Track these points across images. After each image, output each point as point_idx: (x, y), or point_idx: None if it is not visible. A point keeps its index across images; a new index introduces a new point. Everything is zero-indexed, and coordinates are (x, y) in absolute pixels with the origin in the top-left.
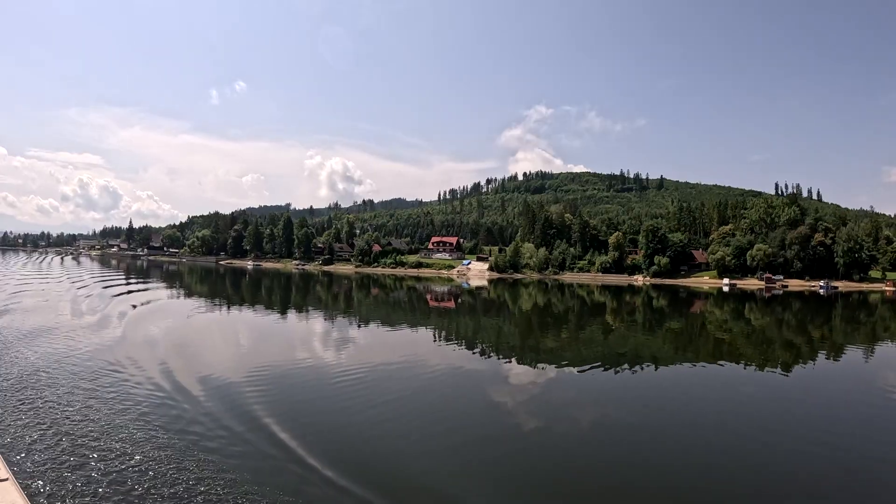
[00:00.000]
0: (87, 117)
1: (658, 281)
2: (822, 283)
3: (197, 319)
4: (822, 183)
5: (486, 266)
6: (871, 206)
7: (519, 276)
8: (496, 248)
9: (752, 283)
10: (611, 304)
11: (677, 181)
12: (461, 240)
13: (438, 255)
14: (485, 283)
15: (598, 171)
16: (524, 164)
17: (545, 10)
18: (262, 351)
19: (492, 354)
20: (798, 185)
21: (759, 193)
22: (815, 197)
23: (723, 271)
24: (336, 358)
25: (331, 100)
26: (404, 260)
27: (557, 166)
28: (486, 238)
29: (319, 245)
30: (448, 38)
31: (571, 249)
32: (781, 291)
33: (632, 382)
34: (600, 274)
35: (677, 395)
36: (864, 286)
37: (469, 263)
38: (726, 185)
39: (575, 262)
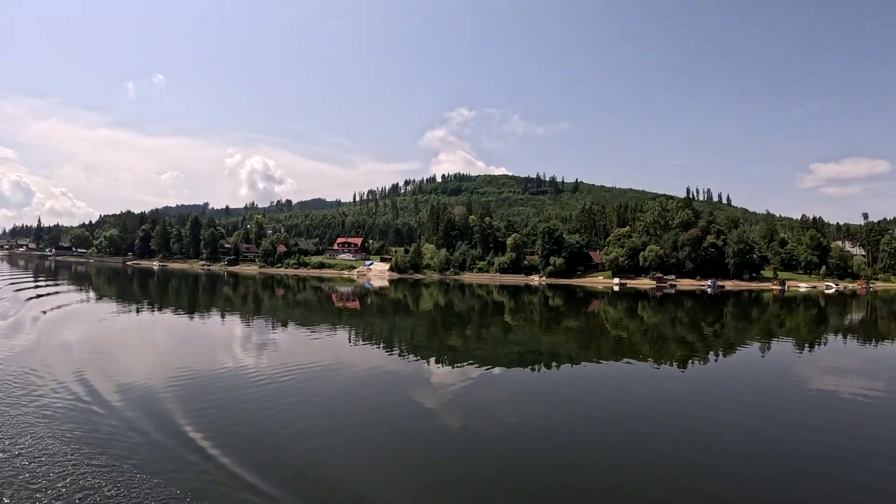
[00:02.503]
0: (0, 108)
1: (554, 281)
2: (709, 282)
3: (110, 323)
4: (740, 188)
5: (387, 266)
6: (778, 211)
7: (419, 276)
8: (402, 249)
9: (644, 283)
10: (509, 303)
11: (592, 184)
12: (370, 240)
13: (343, 256)
14: (385, 283)
15: (517, 174)
16: (446, 165)
17: (472, 13)
18: (178, 355)
19: (409, 355)
20: (709, 190)
21: (672, 197)
22: (724, 201)
23: (617, 271)
24: (255, 361)
25: (255, 96)
26: (307, 260)
27: (479, 168)
28: (395, 239)
29: (227, 245)
30: (375, 37)
31: (472, 251)
32: (673, 290)
33: (549, 380)
34: (498, 274)
35: (591, 391)
36: (754, 285)
37: (371, 264)
38: (641, 189)
39: (475, 263)
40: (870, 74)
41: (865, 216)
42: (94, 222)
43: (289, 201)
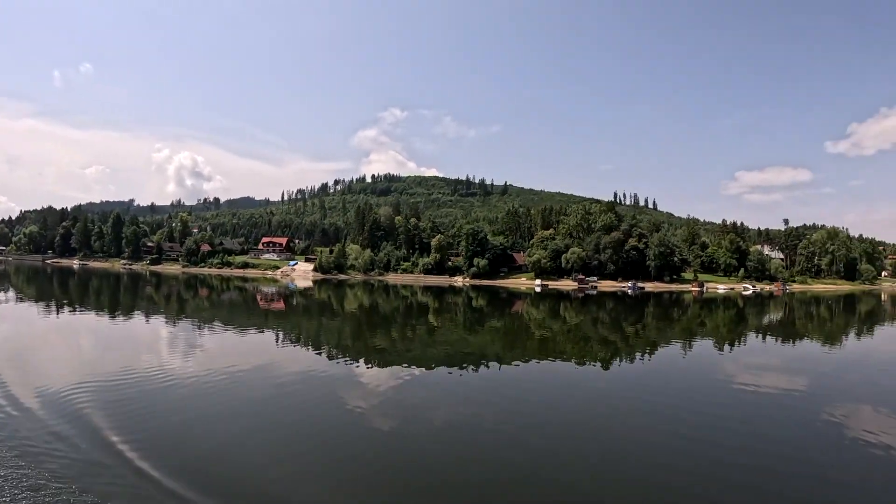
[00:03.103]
0: None
1: (478, 282)
2: (629, 284)
3: (29, 325)
4: (668, 193)
5: (311, 267)
6: (703, 217)
7: (344, 276)
8: (327, 250)
9: (566, 284)
10: (433, 304)
11: (521, 187)
12: (296, 240)
13: (267, 256)
14: (310, 283)
15: (447, 176)
16: (378, 165)
17: (408, 13)
18: (100, 358)
19: (338, 357)
20: (636, 195)
21: (598, 201)
22: (650, 205)
23: (539, 273)
24: (181, 364)
25: (186, 89)
26: (231, 260)
27: (410, 169)
28: (321, 239)
29: (150, 244)
30: (310, 34)
31: (397, 251)
32: (595, 292)
33: (477, 381)
34: (422, 275)
35: (518, 391)
36: (674, 287)
37: (295, 264)
38: (569, 193)
39: (400, 264)
40: (795, 87)
41: (786, 222)
42: (14, 218)
43: (217, 199)
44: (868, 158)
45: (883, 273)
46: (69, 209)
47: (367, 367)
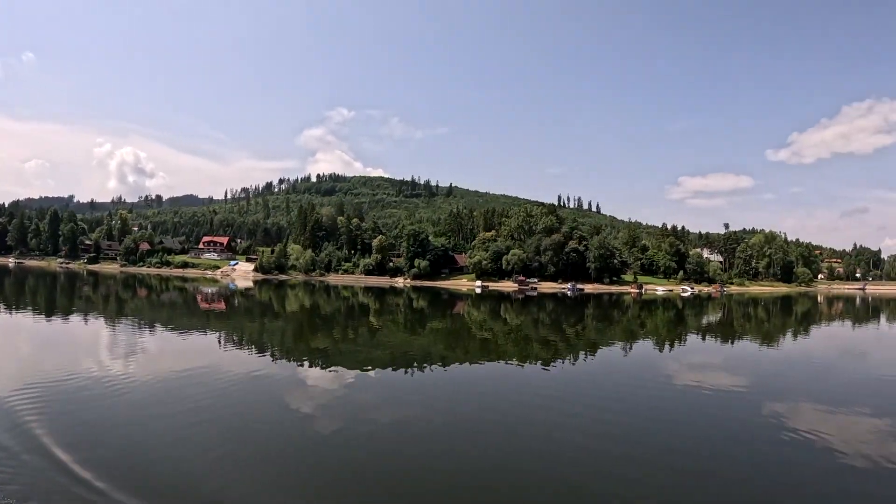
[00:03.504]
0: None
1: (419, 283)
2: (569, 285)
3: None
4: (613, 197)
5: (252, 267)
6: (647, 220)
7: (284, 277)
8: (269, 249)
9: (506, 286)
10: (374, 305)
11: (467, 189)
12: (237, 240)
13: (207, 255)
14: (250, 283)
15: (393, 177)
16: (324, 164)
17: (357, 12)
18: (36, 361)
19: (281, 358)
20: (580, 198)
21: (542, 204)
22: (594, 209)
23: (480, 274)
24: (123, 367)
25: (131, 82)
26: (170, 260)
27: (357, 169)
28: (263, 239)
29: (88, 242)
30: (258, 29)
31: (339, 252)
32: (535, 293)
33: (421, 382)
34: (363, 276)
35: (462, 391)
36: (614, 288)
37: (236, 264)
38: (514, 196)
39: (341, 264)
40: (739, 96)
41: (727, 226)
42: None
43: (159, 197)
44: (807, 167)
45: (819, 276)
46: (6, 205)
47: (311, 369)
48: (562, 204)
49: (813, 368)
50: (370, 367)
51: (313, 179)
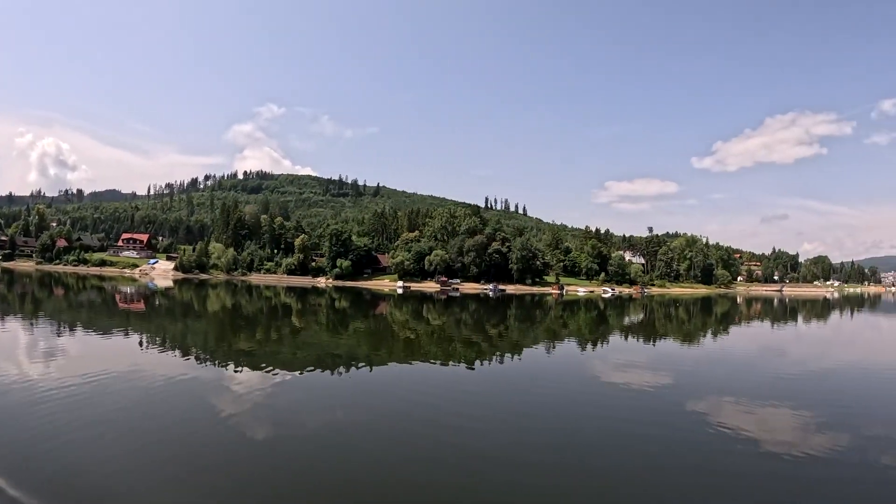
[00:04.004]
0: None
1: (341, 283)
2: (491, 286)
3: None
4: (541, 200)
5: (172, 266)
6: (573, 223)
7: (206, 276)
8: (191, 248)
9: (429, 286)
10: (297, 305)
11: (394, 189)
12: (159, 237)
13: (127, 253)
14: (170, 283)
15: (322, 176)
16: (252, 161)
17: (290, 9)
18: None
19: (205, 361)
20: (506, 200)
21: (468, 205)
22: (521, 211)
23: (403, 275)
24: (42, 371)
25: (55, 67)
26: (87, 258)
27: (285, 167)
28: (185, 237)
29: (3, 238)
30: (187, 20)
31: (261, 251)
32: (457, 293)
33: (348, 383)
34: (286, 276)
35: (390, 392)
36: (535, 289)
37: (156, 262)
38: (441, 196)
39: (263, 264)
40: (666, 103)
41: (650, 230)
42: None
43: (80, 191)
44: (730, 174)
45: (739, 278)
46: None
47: (236, 371)
48: (489, 206)
49: (733, 366)
50: (296, 369)
51: (240, 177)
